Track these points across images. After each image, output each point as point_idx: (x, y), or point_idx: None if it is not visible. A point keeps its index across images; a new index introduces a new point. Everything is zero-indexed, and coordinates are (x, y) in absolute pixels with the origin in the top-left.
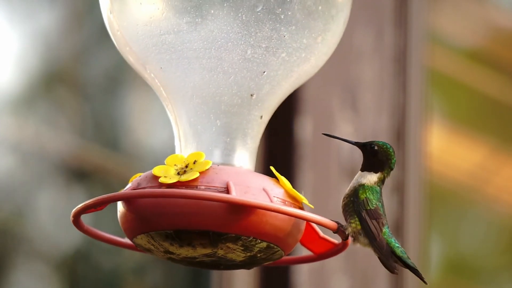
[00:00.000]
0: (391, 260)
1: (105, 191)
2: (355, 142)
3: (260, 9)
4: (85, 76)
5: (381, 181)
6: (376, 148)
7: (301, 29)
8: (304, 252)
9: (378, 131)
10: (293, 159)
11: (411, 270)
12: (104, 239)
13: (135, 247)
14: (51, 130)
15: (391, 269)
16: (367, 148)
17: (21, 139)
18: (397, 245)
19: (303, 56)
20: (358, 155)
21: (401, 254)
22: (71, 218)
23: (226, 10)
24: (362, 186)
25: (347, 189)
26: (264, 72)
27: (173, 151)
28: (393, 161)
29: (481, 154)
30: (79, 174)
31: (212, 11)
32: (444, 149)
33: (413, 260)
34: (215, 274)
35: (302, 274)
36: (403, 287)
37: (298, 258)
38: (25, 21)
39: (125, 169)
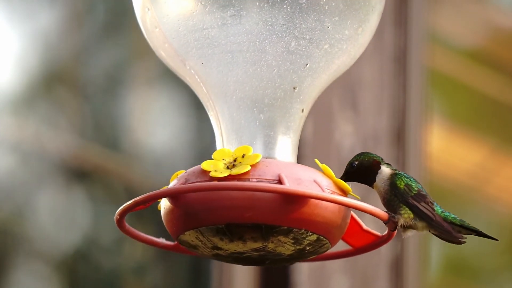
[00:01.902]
0: (454, 232)
1: (105, 191)
2: (344, 174)
3: (304, 0)
4: (85, 76)
5: (394, 169)
6: (356, 163)
7: (344, 19)
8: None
9: (378, 131)
10: None
11: (477, 234)
12: (145, 240)
13: (177, 248)
14: (51, 130)
15: (458, 242)
16: (354, 168)
17: (21, 139)
18: (453, 215)
19: (344, 48)
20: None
21: (461, 223)
22: (116, 216)
23: (271, 2)
24: (395, 175)
25: (378, 192)
26: (307, 64)
27: (173, 151)
28: (371, 156)
29: (481, 154)
30: (79, 174)
31: (257, 3)
32: (444, 149)
33: (413, 260)
34: (215, 274)
35: (302, 274)
36: (403, 287)
37: (339, 252)
38: (25, 21)
39: (125, 169)
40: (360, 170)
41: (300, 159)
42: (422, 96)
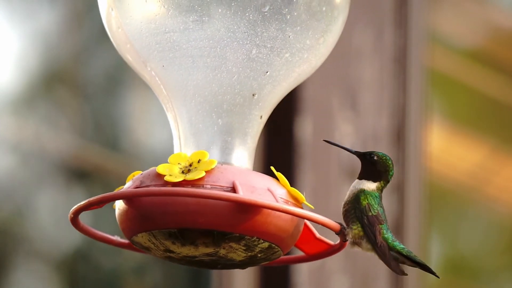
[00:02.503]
0: (396, 263)
1: (105, 191)
2: (355, 151)
3: (267, 9)
4: (85, 76)
5: (380, 190)
6: (375, 158)
7: (306, 29)
8: (296, 252)
9: (378, 131)
10: (293, 159)
11: (421, 267)
12: (100, 238)
13: (131, 246)
14: (51, 130)
15: (398, 272)
16: (366, 158)
17: (21, 139)
18: (402, 246)
19: (305, 57)
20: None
21: (408, 254)
22: (70, 215)
23: (234, 9)
24: (363, 191)
25: (346, 195)
26: (267, 72)
27: (173, 151)
28: (390, 173)
29: (481, 154)
30: (79, 174)
31: (219, 10)
32: (444, 149)
33: None
34: (215, 274)
35: (302, 274)
36: (403, 287)
37: (292, 258)
38: (25, 21)
39: (125, 169)
40: (368, 163)
41: (299, 159)
42: (422, 96)
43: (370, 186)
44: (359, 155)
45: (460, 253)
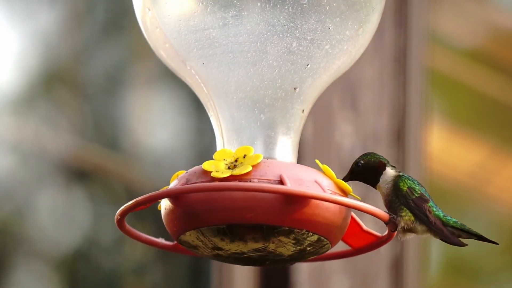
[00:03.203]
0: (454, 236)
1: (105, 191)
2: (347, 175)
3: (306, 1)
4: (85, 76)
5: (399, 171)
6: (363, 162)
7: (345, 20)
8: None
9: (378, 131)
10: None
11: (477, 238)
12: (145, 241)
13: (177, 248)
14: (51, 130)
15: (459, 244)
16: (360, 168)
17: (21, 139)
18: (454, 220)
19: (345, 48)
20: (358, 155)
21: (461, 227)
22: (116, 216)
23: (273, 2)
24: (399, 177)
25: (380, 192)
26: (307, 65)
27: (173, 151)
28: (379, 158)
29: (481, 154)
30: (79, 174)
31: (259, 4)
32: (444, 149)
33: (413, 260)
34: (215, 274)
35: (302, 274)
36: (403, 287)
37: (338, 252)
38: (25, 21)
39: (125, 169)
40: (365, 170)
41: (300, 159)
42: (422, 96)
43: (391, 173)
44: (353, 171)
45: (460, 253)
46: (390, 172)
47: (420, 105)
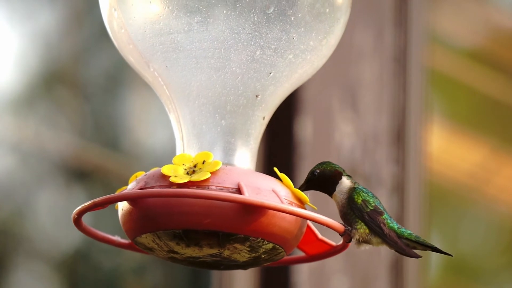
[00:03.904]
0: (409, 248)
1: (105, 191)
2: (303, 185)
3: (271, 10)
4: (85, 76)
5: (354, 182)
6: (318, 171)
7: (309, 31)
8: (297, 253)
9: (378, 131)
10: (293, 159)
11: (432, 250)
12: (101, 239)
13: (132, 247)
14: (51, 130)
15: (414, 256)
16: (316, 177)
17: (21, 139)
18: (409, 231)
19: (308, 58)
20: (358, 155)
21: (416, 239)
22: (73, 215)
23: (239, 11)
24: (354, 190)
25: (336, 204)
26: (270, 73)
27: (173, 151)
28: (335, 166)
29: (481, 154)
30: (79, 174)
31: (224, 11)
32: (444, 149)
33: (413, 260)
34: (215, 274)
35: (302, 274)
36: (403, 287)
37: (293, 258)
38: (25, 21)
39: (125, 169)
40: (321, 179)
41: (300, 159)
42: (422, 96)
43: (347, 184)
44: (308, 180)
45: (460, 253)
46: (345, 182)
47: (420, 105)
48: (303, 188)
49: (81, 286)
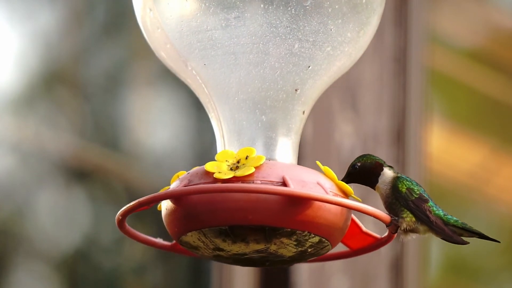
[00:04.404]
0: (456, 235)
1: (105, 191)
2: (346, 176)
3: (309, 2)
4: (85, 76)
5: (396, 172)
6: (359, 165)
7: (347, 22)
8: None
9: (378, 131)
10: None
11: (479, 236)
12: (143, 241)
13: (175, 248)
14: (51, 130)
15: (461, 242)
16: (356, 170)
17: (21, 139)
18: (455, 218)
19: (345, 50)
20: (358, 155)
21: (462, 226)
22: (118, 216)
23: (276, 4)
24: (397, 179)
25: (380, 194)
26: (309, 66)
27: (173, 151)
28: (374, 158)
29: (481, 154)
30: (79, 174)
31: (261, 5)
32: (444, 149)
33: (413, 260)
34: (215, 274)
35: (302, 274)
36: (403, 287)
37: (337, 253)
38: (25, 21)
39: (125, 169)
40: (362, 172)
41: (300, 160)
42: (422, 96)
43: (389, 174)
44: (349, 174)
45: (460, 253)
46: (388, 173)
47: (420, 105)
48: (345, 181)
49: (81, 286)
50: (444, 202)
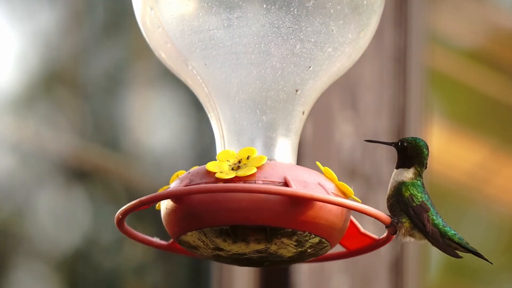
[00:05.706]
0: (450, 249)
1: (105, 191)
2: (391, 143)
3: (311, 3)
4: (85, 76)
5: (419, 175)
6: (405, 144)
7: (348, 23)
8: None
9: (378, 131)
10: None
11: (472, 253)
12: (141, 240)
13: (172, 247)
14: (51, 130)
15: (454, 256)
16: (398, 146)
17: (21, 139)
18: (453, 232)
19: (346, 51)
20: (358, 155)
21: (459, 241)
22: (118, 215)
23: (279, 4)
24: (403, 183)
25: (388, 189)
26: (310, 67)
27: (173, 151)
28: (423, 154)
29: (481, 154)
30: (79, 174)
31: (264, 6)
32: (444, 149)
33: (413, 260)
34: (215, 274)
35: (302, 274)
36: (403, 287)
37: (334, 254)
38: (25, 21)
39: (125, 169)
40: (400, 151)
41: (299, 160)
42: (422, 96)
43: (407, 174)
44: (395, 145)
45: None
46: (409, 173)
47: (420, 105)
48: (393, 143)
49: (81, 286)
50: (444, 202)
